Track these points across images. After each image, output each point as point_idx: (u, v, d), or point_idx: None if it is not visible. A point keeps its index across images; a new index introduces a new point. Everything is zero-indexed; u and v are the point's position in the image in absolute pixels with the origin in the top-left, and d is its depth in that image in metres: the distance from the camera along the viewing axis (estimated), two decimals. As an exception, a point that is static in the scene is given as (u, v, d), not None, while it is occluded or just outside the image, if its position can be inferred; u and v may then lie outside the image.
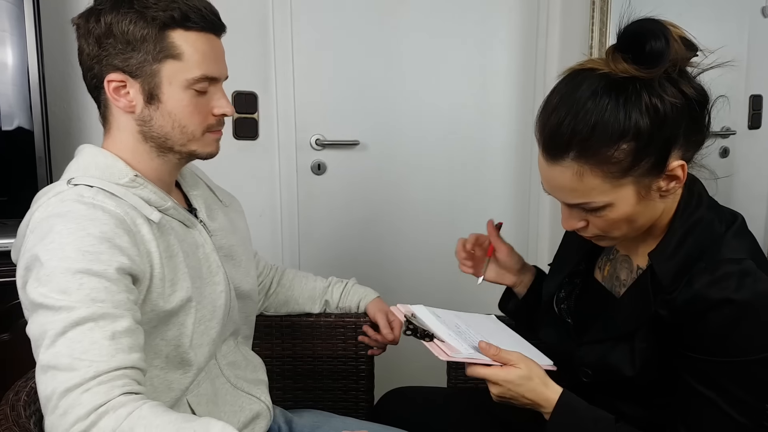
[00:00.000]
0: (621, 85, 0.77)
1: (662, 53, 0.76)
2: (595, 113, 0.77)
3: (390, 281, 1.97)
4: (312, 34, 1.87)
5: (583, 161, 0.79)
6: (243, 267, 1.07)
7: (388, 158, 1.98)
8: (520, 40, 1.99)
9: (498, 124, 2.03)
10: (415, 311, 1.00)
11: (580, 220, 0.87)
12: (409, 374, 1.30)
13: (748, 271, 0.78)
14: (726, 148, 2.03)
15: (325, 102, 1.91)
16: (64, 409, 0.70)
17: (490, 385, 0.89)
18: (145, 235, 0.85)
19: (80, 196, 0.82)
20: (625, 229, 0.86)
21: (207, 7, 0.90)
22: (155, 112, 0.89)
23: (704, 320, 0.78)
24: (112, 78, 0.87)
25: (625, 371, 0.87)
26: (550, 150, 0.81)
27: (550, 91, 0.84)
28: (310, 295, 1.29)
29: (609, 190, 0.81)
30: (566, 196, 0.84)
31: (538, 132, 0.84)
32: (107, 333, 0.75)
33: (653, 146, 0.78)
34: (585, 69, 0.82)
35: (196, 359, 0.92)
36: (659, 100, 0.77)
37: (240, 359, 1.07)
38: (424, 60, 1.95)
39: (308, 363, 1.33)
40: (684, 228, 0.85)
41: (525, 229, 2.09)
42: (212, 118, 0.93)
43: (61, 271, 0.76)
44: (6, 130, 1.56)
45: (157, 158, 0.92)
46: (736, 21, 2.00)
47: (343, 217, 1.99)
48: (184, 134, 0.91)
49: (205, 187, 1.08)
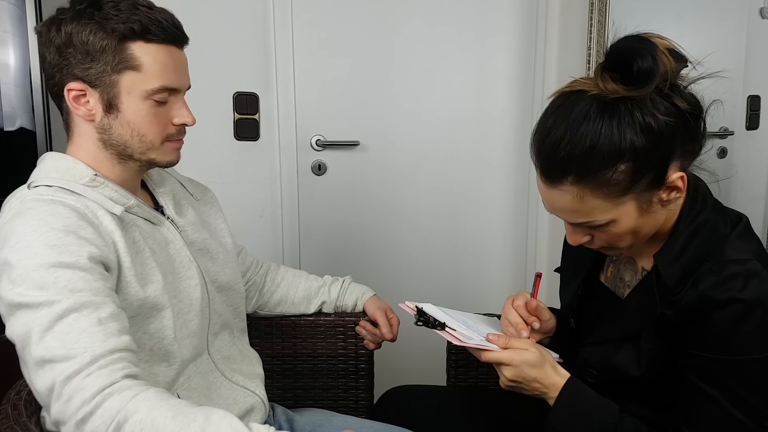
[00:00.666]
0: (613, 106, 0.78)
1: (650, 72, 0.76)
2: (590, 136, 0.77)
3: (390, 281, 1.98)
4: (312, 35, 1.87)
5: (582, 185, 0.79)
6: (220, 259, 1.08)
7: (388, 158, 1.98)
8: (520, 42, 1.99)
9: (497, 124, 2.03)
10: (424, 307, 1.03)
11: (585, 235, 0.88)
12: (409, 373, 1.31)
13: (754, 271, 0.78)
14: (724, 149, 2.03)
15: (325, 103, 1.92)
16: (68, 395, 0.71)
17: (503, 370, 0.89)
18: (107, 225, 0.86)
19: (39, 195, 0.84)
20: (631, 240, 0.87)
21: (168, 19, 0.90)
22: (114, 121, 0.90)
23: (710, 320, 0.79)
24: (72, 87, 0.88)
25: (632, 371, 0.88)
26: (548, 174, 0.82)
27: (542, 114, 0.85)
28: (305, 295, 1.29)
29: (611, 209, 0.81)
30: (569, 217, 0.85)
31: (535, 155, 0.84)
32: (93, 320, 0.76)
33: (651, 163, 0.78)
34: (575, 91, 0.82)
35: (179, 352, 0.93)
36: (652, 119, 0.77)
37: (236, 353, 1.08)
38: (424, 61, 1.95)
39: (308, 362, 1.33)
40: (689, 230, 0.85)
41: (524, 230, 2.09)
42: (172, 127, 0.94)
43: (33, 268, 0.76)
44: (8, 130, 1.56)
45: (118, 165, 0.94)
46: (735, 22, 2.01)
47: (344, 217, 2.00)
48: (143, 143, 0.92)
49: (173, 181, 1.08)
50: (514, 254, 2.12)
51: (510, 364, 0.88)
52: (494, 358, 0.89)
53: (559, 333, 1.07)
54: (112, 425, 0.70)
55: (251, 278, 1.27)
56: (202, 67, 1.78)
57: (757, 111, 2.09)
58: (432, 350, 1.33)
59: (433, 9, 1.93)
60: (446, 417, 1.18)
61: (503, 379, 0.90)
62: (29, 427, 0.82)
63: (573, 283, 1.04)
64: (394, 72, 1.94)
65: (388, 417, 1.18)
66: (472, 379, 1.31)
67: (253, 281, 1.28)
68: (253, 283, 1.28)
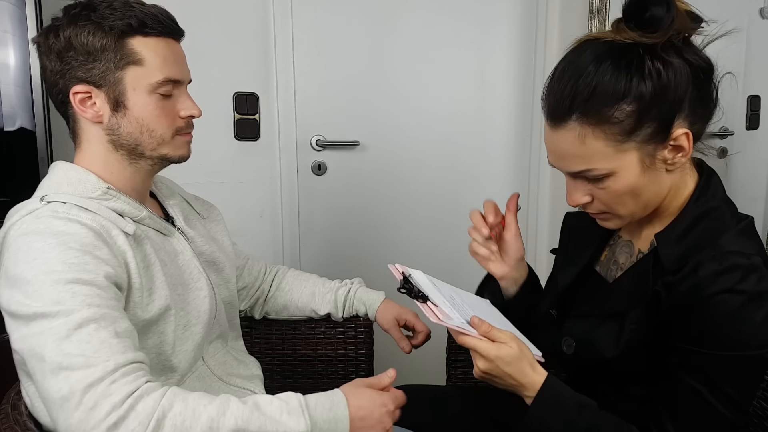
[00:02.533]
0: (624, 50, 0.79)
1: (662, 18, 0.77)
2: (597, 75, 0.78)
3: (390, 281, 1.97)
4: (312, 35, 1.88)
5: (584, 122, 0.79)
6: (226, 272, 1.09)
7: (388, 158, 1.98)
8: (520, 41, 2.00)
9: (498, 124, 2.03)
10: (413, 274, 0.98)
11: (585, 194, 0.86)
12: (409, 373, 1.31)
13: (756, 267, 0.78)
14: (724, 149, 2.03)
15: (325, 103, 1.92)
16: (94, 402, 0.70)
17: (477, 359, 0.86)
18: (121, 245, 0.86)
19: (55, 212, 0.83)
20: (631, 205, 0.85)
21: (163, 13, 0.91)
22: (123, 119, 0.90)
23: (703, 310, 0.78)
24: (77, 90, 0.88)
25: (606, 352, 0.87)
26: (554, 114, 0.82)
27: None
28: (311, 300, 1.27)
29: (612, 156, 0.80)
30: (569, 164, 0.84)
31: (544, 100, 0.85)
32: (111, 332, 0.75)
33: (655, 110, 0.78)
34: (591, 39, 0.83)
35: (180, 365, 0.93)
36: (662, 65, 0.78)
37: (230, 359, 1.08)
38: (424, 60, 1.95)
39: (308, 362, 1.33)
40: (696, 213, 0.84)
41: (524, 229, 2.09)
42: (180, 120, 0.94)
43: (50, 283, 0.76)
44: (8, 130, 1.56)
45: (129, 167, 0.93)
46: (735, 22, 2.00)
47: (344, 217, 2.00)
48: (153, 138, 0.92)
49: (180, 199, 1.09)
50: (514, 254, 2.12)
51: (484, 356, 0.84)
52: (470, 344, 0.85)
53: (523, 301, 1.07)
54: (152, 424, 0.70)
55: (260, 287, 1.27)
56: (202, 67, 1.78)
57: (757, 111, 2.09)
58: (432, 350, 1.33)
59: (433, 9, 1.93)
60: (446, 417, 1.18)
61: (476, 369, 0.87)
62: (29, 426, 0.82)
63: (574, 265, 1.01)
64: (394, 72, 1.94)
65: (387, 417, 1.18)
66: (472, 379, 1.30)
67: (262, 290, 1.27)
68: (262, 292, 1.28)
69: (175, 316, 0.91)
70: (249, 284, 1.25)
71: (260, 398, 0.77)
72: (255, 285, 1.26)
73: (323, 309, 1.26)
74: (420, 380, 1.32)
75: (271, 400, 0.77)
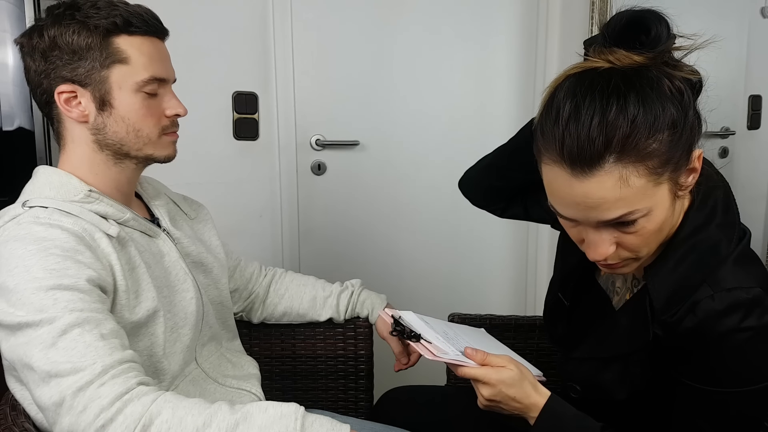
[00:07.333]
0: (639, 76, 0.72)
1: (662, 35, 0.73)
2: (627, 107, 0.70)
3: (390, 281, 1.97)
4: (312, 35, 1.87)
5: (625, 161, 0.70)
6: (214, 273, 1.08)
7: (388, 158, 1.98)
8: (520, 41, 1.99)
9: (498, 124, 2.03)
10: (403, 315, 1.00)
11: (612, 243, 0.77)
12: (409, 374, 1.30)
13: (757, 300, 0.74)
14: (725, 149, 2.03)
15: (325, 102, 1.92)
16: (83, 405, 0.70)
17: (480, 388, 0.86)
18: (104, 248, 0.85)
19: (36, 217, 0.83)
20: (654, 244, 0.79)
21: (147, 12, 0.91)
22: (108, 118, 0.90)
23: (707, 351, 0.75)
24: (62, 89, 0.88)
25: (617, 394, 0.85)
26: (582, 161, 0.71)
27: (549, 105, 0.76)
28: (311, 306, 1.25)
29: (651, 191, 0.72)
30: (606, 212, 0.73)
31: (558, 149, 0.72)
32: (96, 335, 0.75)
33: (685, 133, 0.73)
34: (586, 70, 0.75)
35: (170, 367, 0.93)
36: (681, 84, 0.73)
37: (224, 361, 1.08)
38: (424, 60, 1.95)
39: (308, 363, 1.33)
40: (686, 246, 0.79)
41: (525, 230, 2.09)
42: (165, 119, 0.94)
43: (31, 291, 0.76)
44: (7, 130, 1.56)
45: (114, 167, 0.93)
46: (736, 21, 2.00)
47: (343, 217, 2.00)
48: (139, 138, 0.91)
49: (167, 199, 1.08)
50: (514, 254, 2.12)
51: (487, 383, 0.84)
52: (470, 374, 0.85)
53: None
54: (137, 429, 0.70)
55: (253, 290, 1.25)
56: (202, 67, 1.78)
57: (759, 111, 2.09)
58: (432, 351, 1.33)
59: (433, 9, 1.93)
60: (446, 417, 1.17)
61: (480, 399, 0.86)
62: (27, 427, 0.82)
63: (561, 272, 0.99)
64: (394, 71, 1.94)
65: (387, 418, 1.18)
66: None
67: (256, 293, 1.26)
68: (257, 296, 1.26)
69: (164, 317, 0.91)
70: (241, 286, 1.23)
71: (254, 407, 0.75)
72: (248, 288, 1.25)
73: (325, 314, 1.25)
74: (420, 380, 1.32)
75: (266, 408, 0.75)
